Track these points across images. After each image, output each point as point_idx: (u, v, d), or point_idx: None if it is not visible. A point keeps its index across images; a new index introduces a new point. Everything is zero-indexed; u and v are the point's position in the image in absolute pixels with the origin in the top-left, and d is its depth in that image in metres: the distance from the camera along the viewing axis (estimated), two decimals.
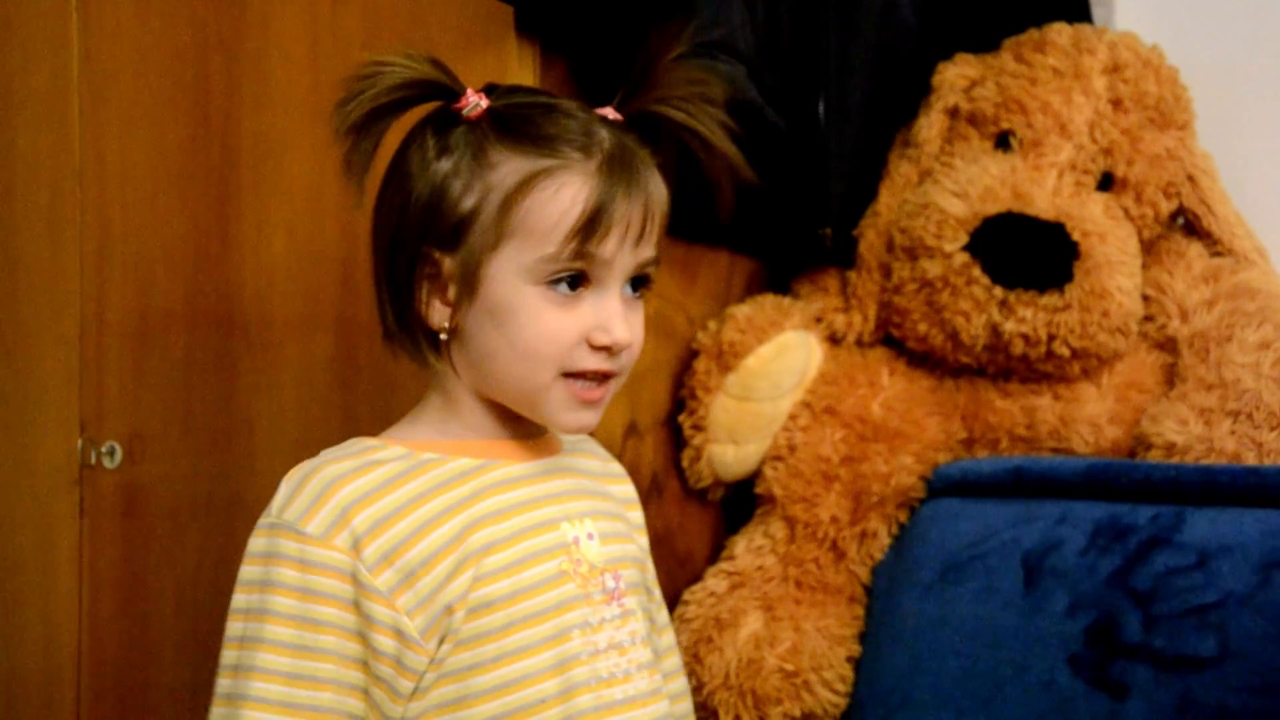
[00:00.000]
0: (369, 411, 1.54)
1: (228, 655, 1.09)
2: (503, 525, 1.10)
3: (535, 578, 1.10)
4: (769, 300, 1.68)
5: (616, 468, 1.26)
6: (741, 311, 1.65)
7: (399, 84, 1.10)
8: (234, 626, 1.09)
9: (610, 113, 1.14)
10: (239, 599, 1.09)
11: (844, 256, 1.68)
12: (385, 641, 1.06)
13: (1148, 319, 1.65)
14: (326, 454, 1.12)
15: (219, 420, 1.61)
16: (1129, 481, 1.47)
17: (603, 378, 1.11)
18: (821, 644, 1.54)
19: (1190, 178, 1.68)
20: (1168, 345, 1.64)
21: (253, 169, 1.59)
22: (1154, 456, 1.52)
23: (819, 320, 1.67)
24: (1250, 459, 1.50)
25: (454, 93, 1.11)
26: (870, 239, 1.67)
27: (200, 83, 1.61)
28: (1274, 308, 1.60)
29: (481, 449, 1.13)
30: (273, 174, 1.58)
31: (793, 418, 1.62)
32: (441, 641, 1.08)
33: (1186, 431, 1.52)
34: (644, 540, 1.24)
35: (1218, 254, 1.69)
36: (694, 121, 1.14)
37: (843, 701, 1.54)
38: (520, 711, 1.08)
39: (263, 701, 1.06)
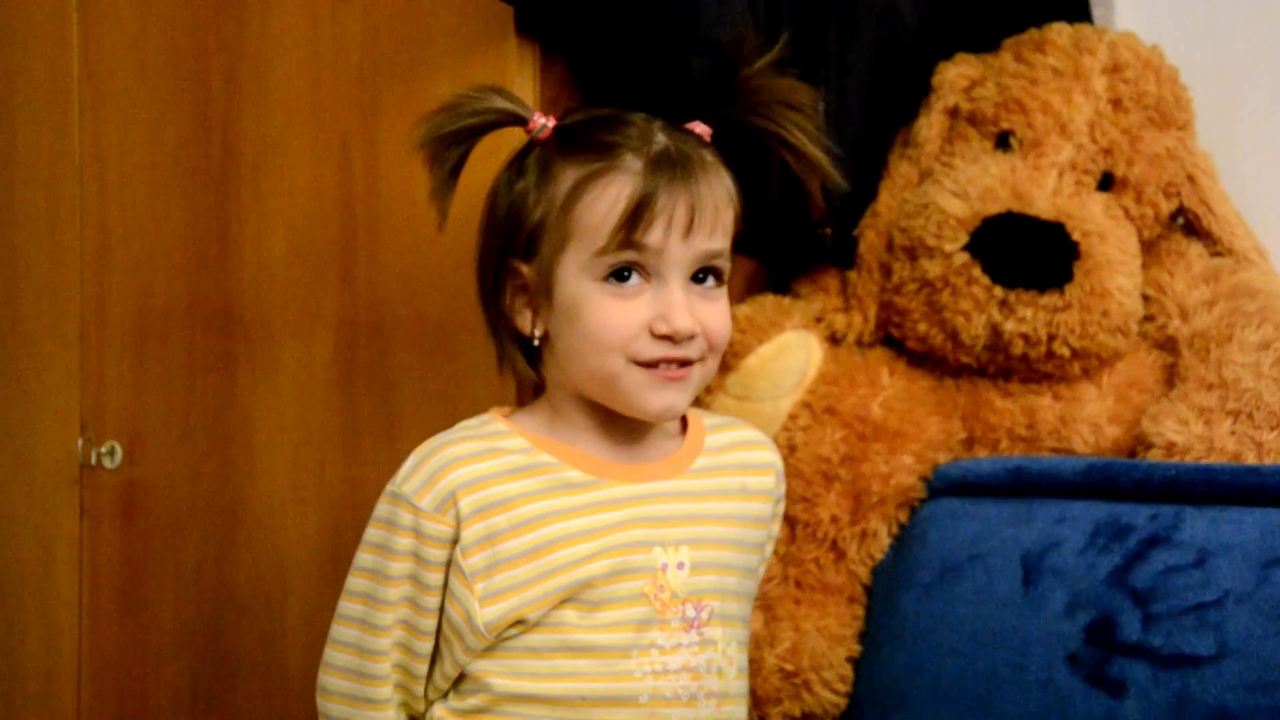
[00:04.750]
0: (369, 411, 1.54)
1: (353, 608, 1.19)
2: (594, 544, 1.16)
3: (616, 593, 1.16)
4: (769, 300, 1.68)
5: (766, 456, 1.29)
6: (741, 311, 1.65)
7: (465, 114, 1.19)
8: (359, 583, 1.19)
9: (699, 126, 1.21)
10: (365, 558, 1.19)
11: (844, 256, 1.68)
12: (455, 617, 1.16)
13: (1148, 319, 1.64)
14: (458, 431, 1.20)
15: (219, 420, 1.61)
16: (1128, 481, 1.46)
17: (678, 363, 1.17)
18: (821, 644, 1.54)
19: (1190, 178, 1.68)
20: (1168, 345, 1.63)
21: (253, 169, 1.59)
22: (1154, 456, 1.52)
23: (819, 320, 1.67)
24: (1250, 458, 1.50)
25: (523, 118, 1.20)
26: (870, 239, 1.67)
27: (200, 83, 1.61)
28: (1274, 308, 1.60)
29: (595, 465, 1.19)
30: (273, 174, 1.58)
31: (793, 418, 1.62)
32: (500, 638, 1.15)
33: (1186, 431, 1.52)
34: (773, 528, 1.30)
35: (1218, 254, 1.69)
36: (778, 128, 1.21)
37: (842, 701, 1.54)
38: (564, 701, 1.15)
39: (382, 654, 1.18)
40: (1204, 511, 1.41)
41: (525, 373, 1.22)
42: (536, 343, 1.20)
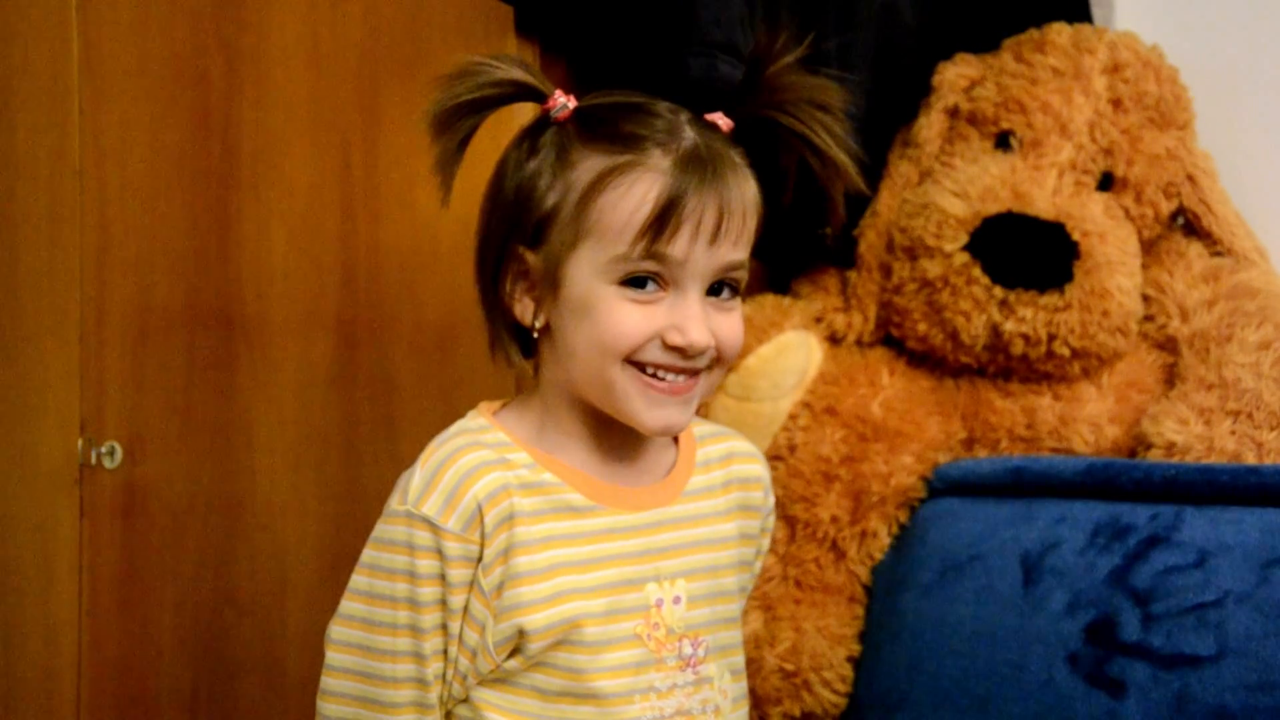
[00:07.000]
0: (369, 411, 1.54)
1: (382, 640, 1.10)
2: (591, 575, 1.11)
3: (612, 634, 1.11)
4: (769, 300, 1.68)
5: (755, 469, 1.24)
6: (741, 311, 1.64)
7: (484, 83, 1.11)
8: (382, 612, 1.10)
9: (720, 118, 1.14)
10: (381, 584, 1.10)
11: (844, 256, 1.68)
12: (471, 636, 1.10)
13: (1148, 319, 1.65)
14: (461, 436, 1.12)
15: (219, 420, 1.61)
16: (1128, 481, 1.46)
17: (685, 373, 1.11)
18: (821, 644, 1.54)
19: (1190, 178, 1.68)
20: (1168, 345, 1.64)
21: (253, 169, 1.59)
22: (1154, 456, 1.52)
23: (819, 320, 1.67)
24: (1250, 458, 1.50)
25: (542, 94, 1.13)
26: (870, 239, 1.67)
27: (200, 83, 1.61)
28: (1274, 307, 1.60)
29: (595, 489, 1.13)
30: (273, 174, 1.58)
31: (793, 418, 1.62)
32: (510, 656, 1.10)
33: (1186, 431, 1.52)
34: (763, 542, 1.25)
35: (1218, 254, 1.69)
36: (804, 128, 1.14)
37: (842, 701, 1.54)
38: None
39: (419, 680, 1.10)
40: (1204, 511, 1.41)
41: (519, 363, 1.14)
42: (536, 334, 1.13)
